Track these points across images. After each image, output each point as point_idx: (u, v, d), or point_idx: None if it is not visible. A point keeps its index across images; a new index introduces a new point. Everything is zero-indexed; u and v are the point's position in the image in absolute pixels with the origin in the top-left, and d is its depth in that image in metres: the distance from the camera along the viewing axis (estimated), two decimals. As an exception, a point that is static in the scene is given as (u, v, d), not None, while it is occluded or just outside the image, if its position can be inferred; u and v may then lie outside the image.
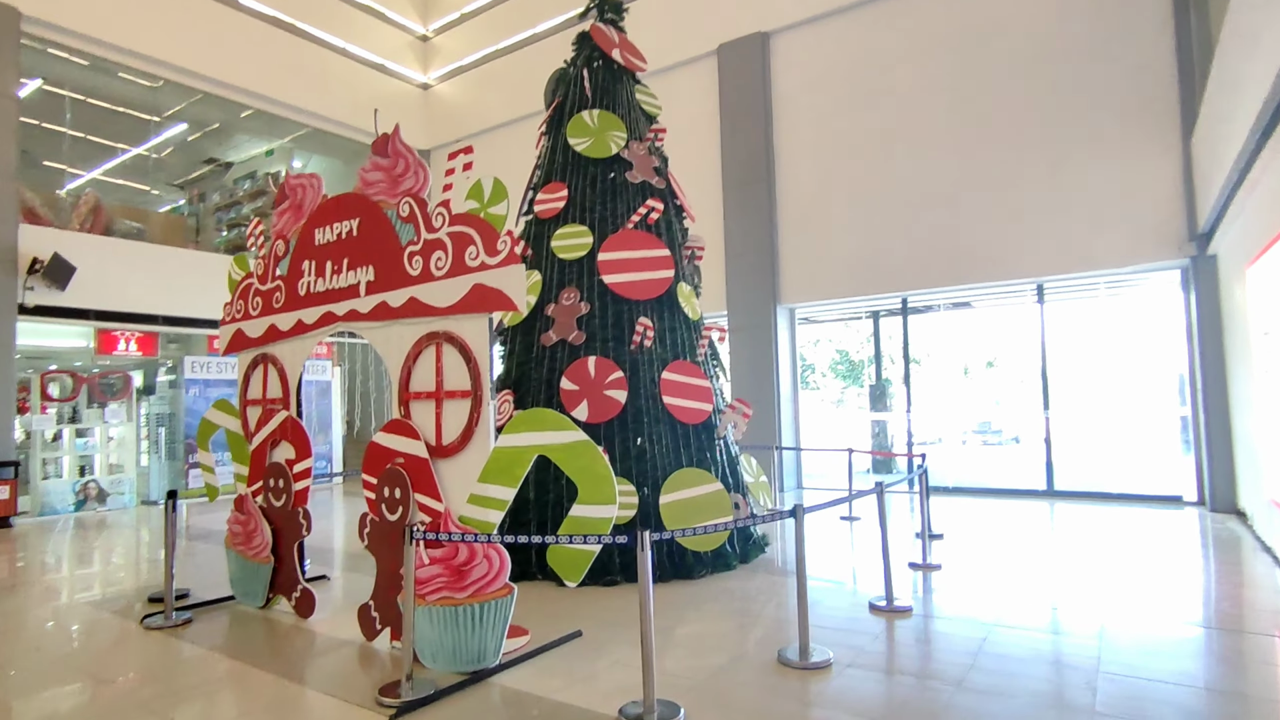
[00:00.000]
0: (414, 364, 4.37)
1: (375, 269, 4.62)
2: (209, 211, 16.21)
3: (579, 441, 3.66)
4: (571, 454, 3.67)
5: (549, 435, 3.73)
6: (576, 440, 3.66)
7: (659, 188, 6.83)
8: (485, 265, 4.01)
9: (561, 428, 3.70)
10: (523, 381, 6.47)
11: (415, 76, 16.33)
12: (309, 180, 5.24)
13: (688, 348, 6.55)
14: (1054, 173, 9.20)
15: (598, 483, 3.62)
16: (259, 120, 14.63)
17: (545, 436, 3.74)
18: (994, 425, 21.54)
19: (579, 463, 3.66)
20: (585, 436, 3.65)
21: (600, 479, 3.62)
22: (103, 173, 14.98)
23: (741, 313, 11.40)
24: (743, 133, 11.52)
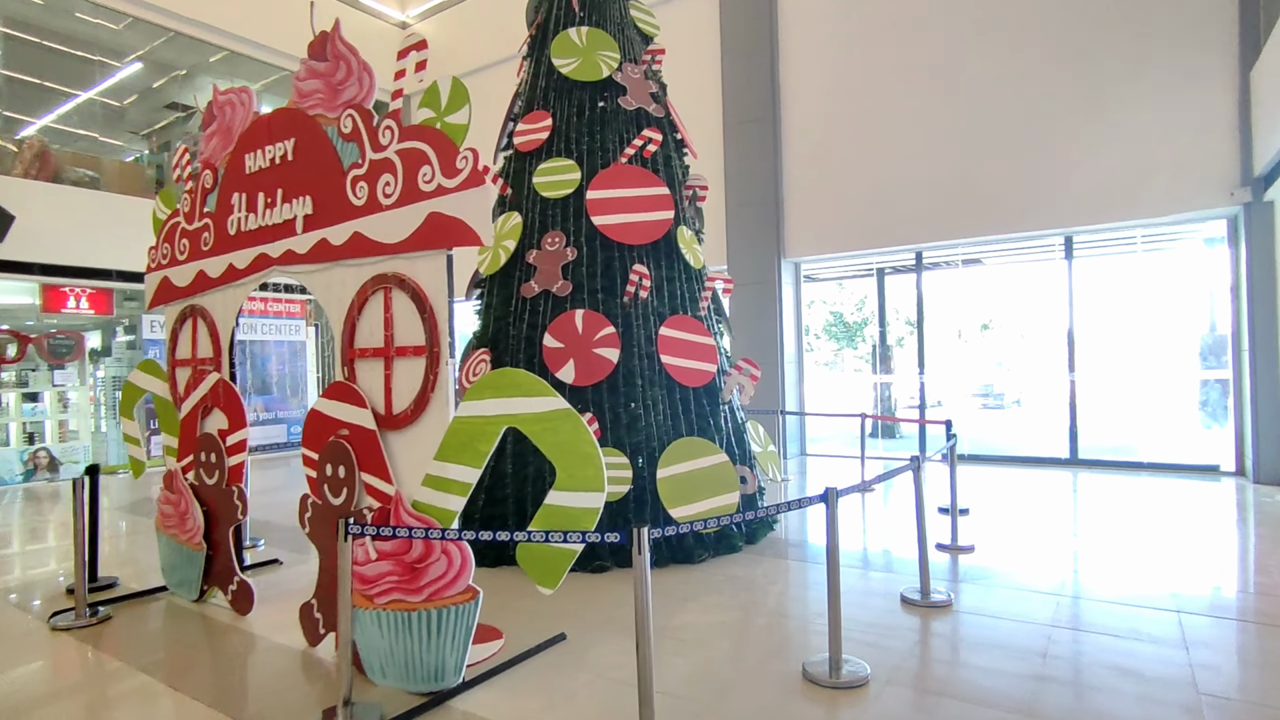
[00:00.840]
0: (359, 315, 3.57)
1: (314, 200, 3.79)
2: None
3: (557, 410, 2.88)
4: (548, 426, 2.90)
5: (520, 402, 2.95)
6: (555, 409, 2.89)
7: (657, 116, 5.96)
8: (442, 189, 3.19)
9: (536, 392, 2.92)
10: (501, 339, 5.68)
11: (392, 14, 15.17)
12: (238, 96, 4.37)
13: (689, 300, 5.76)
14: (1090, 111, 8.34)
15: (581, 463, 2.85)
16: (229, 64, 13.52)
17: (515, 404, 2.96)
18: (995, 389, 20.94)
19: (558, 437, 2.89)
20: (565, 404, 2.87)
21: (584, 458, 2.86)
22: (61, 120, 13.90)
23: (743, 268, 10.57)
24: (745, 68, 10.57)
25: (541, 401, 2.91)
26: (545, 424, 2.90)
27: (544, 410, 2.90)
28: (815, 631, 3.80)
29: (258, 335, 13.13)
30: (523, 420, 2.95)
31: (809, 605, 4.26)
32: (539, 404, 2.91)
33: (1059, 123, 8.53)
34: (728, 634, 3.81)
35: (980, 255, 9.98)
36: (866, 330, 22.99)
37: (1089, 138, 8.35)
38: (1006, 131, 8.84)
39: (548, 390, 2.90)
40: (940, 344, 13.71)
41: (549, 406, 2.89)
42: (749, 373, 5.92)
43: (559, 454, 2.90)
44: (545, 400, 2.91)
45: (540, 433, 2.91)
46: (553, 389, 2.90)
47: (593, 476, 2.85)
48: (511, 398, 2.98)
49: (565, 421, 2.88)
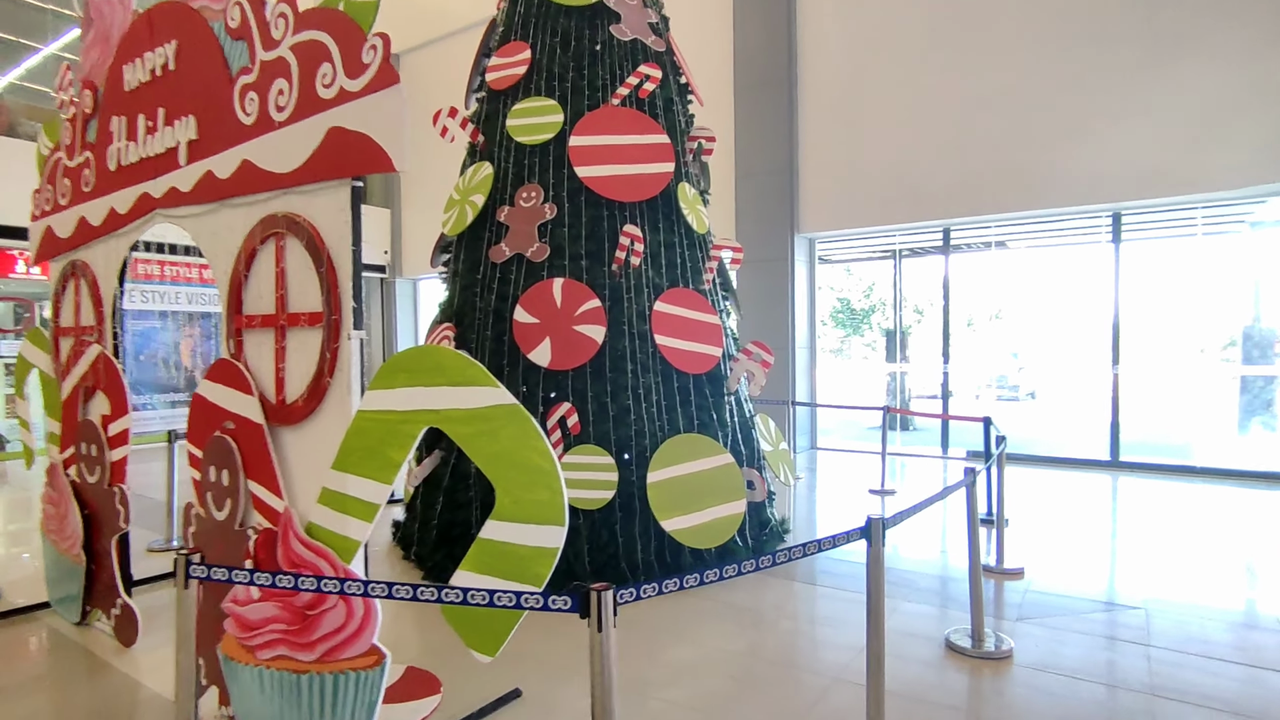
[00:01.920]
0: (247, 271, 2.68)
1: (198, 121, 2.89)
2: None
3: (498, 407, 1.99)
4: (484, 428, 2.01)
5: (445, 394, 2.07)
6: (493, 404, 2.00)
7: (657, 51, 5.03)
8: (345, 94, 2.29)
9: (467, 380, 2.03)
10: (466, 312, 4.80)
11: (381, -33, 14.12)
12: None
13: (690, 271, 4.86)
14: (1148, 69, 7.36)
15: (531, 482, 1.97)
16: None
17: (438, 395, 2.08)
18: (1012, 380, 20.01)
19: (497, 444, 2.00)
20: (508, 397, 1.98)
21: (535, 476, 1.97)
22: (21, 76, 12.98)
23: (753, 243, 9.63)
24: (760, 26, 9.57)
25: (475, 393, 2.02)
26: (480, 425, 2.01)
27: (478, 406, 2.01)
28: (839, 694, 2.93)
29: (214, 306, 12.25)
30: (449, 418, 2.06)
31: (831, 651, 3.39)
32: (471, 396, 2.03)
33: (1112, 82, 7.55)
34: (731, 685, 2.95)
35: (1015, 235, 9.02)
36: (874, 318, 22.15)
37: (1143, 103, 7.38)
38: (1050, 93, 7.86)
39: (484, 377, 2.01)
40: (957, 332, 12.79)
41: (486, 400, 2.00)
42: (760, 358, 5.02)
43: (499, 468, 2.02)
44: (480, 392, 2.01)
45: (473, 436, 2.03)
46: (491, 376, 2.01)
47: (547, 502, 1.96)
48: (433, 386, 2.09)
49: (508, 422, 1.99)
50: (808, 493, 7.25)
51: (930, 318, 17.18)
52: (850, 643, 3.46)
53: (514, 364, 4.51)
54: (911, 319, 15.06)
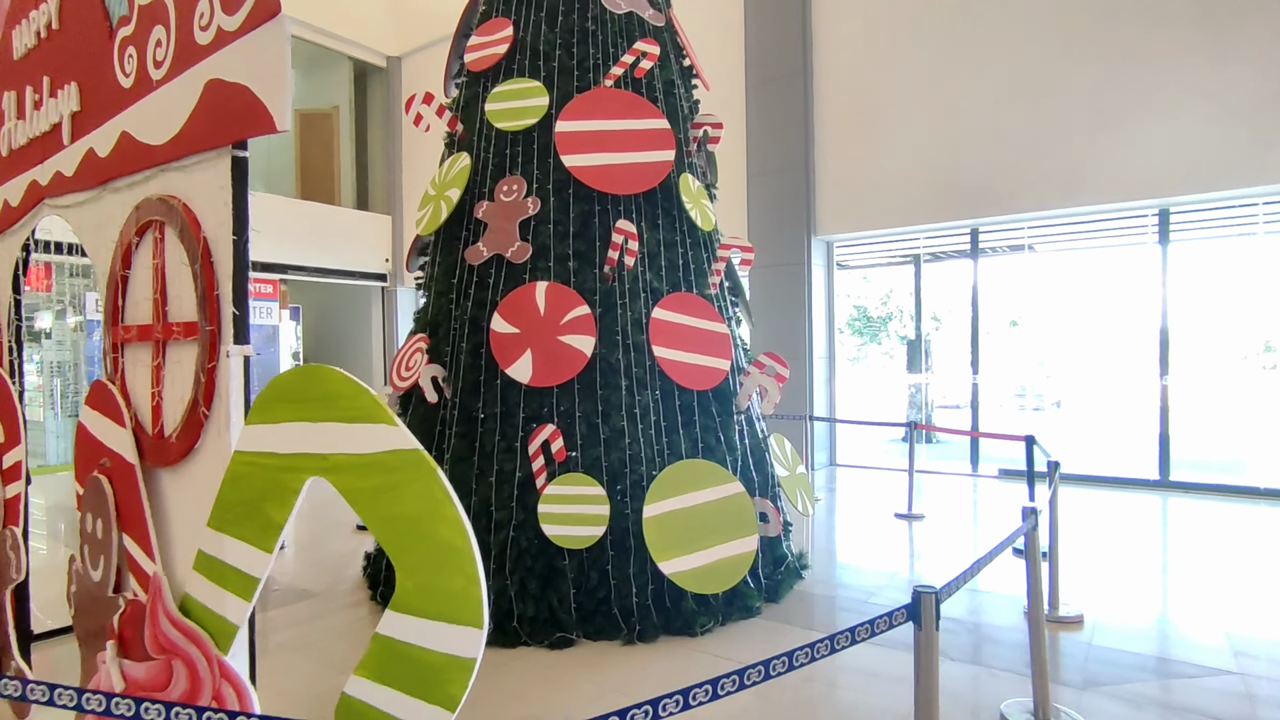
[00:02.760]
0: (125, 270, 2.14)
1: (80, 88, 2.37)
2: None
3: (398, 454, 1.41)
4: (381, 482, 1.43)
5: (335, 433, 1.50)
6: (391, 449, 1.42)
7: (655, 25, 4.48)
8: (223, 35, 1.75)
9: (362, 414, 1.46)
10: (441, 321, 4.26)
11: (382, -33, 13.74)
12: (9, -56, 2.94)
13: (694, 273, 4.28)
14: (1199, 54, 6.71)
15: (442, 562, 1.38)
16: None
17: (328, 435, 1.51)
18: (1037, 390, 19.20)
19: (398, 505, 1.42)
20: (410, 442, 1.40)
21: (446, 554, 1.38)
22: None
23: (766, 246, 9.05)
24: (772, 15, 9.01)
25: (370, 434, 1.45)
26: (377, 477, 1.44)
27: (373, 451, 1.44)
28: (879, 799, 2.33)
29: (223, 318, 11.81)
30: (339, 467, 1.49)
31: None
32: (366, 437, 1.45)
33: (1159, 66, 6.91)
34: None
35: (1049, 236, 8.36)
36: (891, 325, 21.52)
37: (1198, 85, 6.73)
38: (1090, 80, 7.23)
39: (380, 412, 1.43)
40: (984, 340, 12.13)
41: (383, 443, 1.43)
42: (774, 371, 4.43)
43: (400, 540, 1.44)
44: (376, 432, 1.44)
45: (368, 495, 1.45)
46: (389, 412, 1.43)
47: (460, 593, 1.37)
48: (321, 422, 1.52)
49: (411, 477, 1.41)
50: (827, 516, 6.64)
51: (949, 325, 16.51)
52: (885, 707, 2.86)
53: (492, 380, 3.96)
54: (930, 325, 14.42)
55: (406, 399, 4.48)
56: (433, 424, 4.15)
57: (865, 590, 4.46)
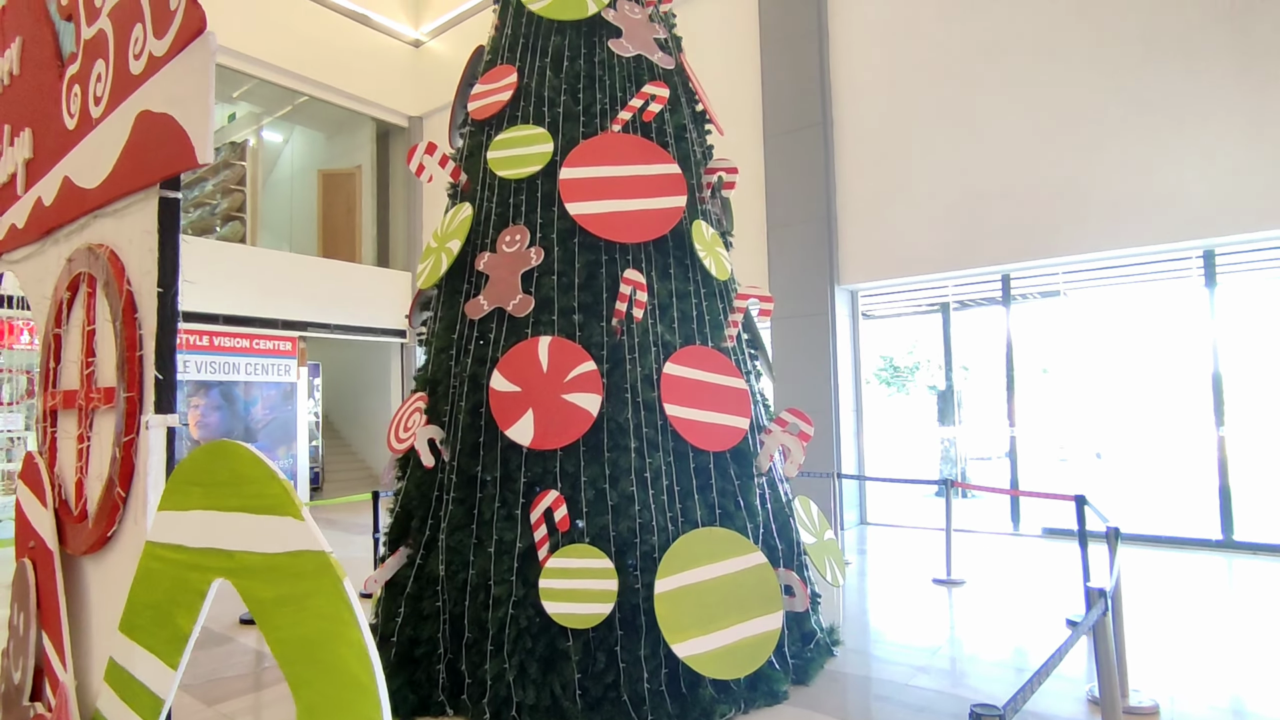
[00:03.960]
0: (59, 330, 1.91)
1: (34, 134, 2.20)
2: (169, 189, 14.14)
3: (303, 555, 1.12)
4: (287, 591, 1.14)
5: (241, 525, 1.22)
6: (297, 551, 1.12)
7: (665, 69, 4.31)
8: (153, 62, 1.55)
9: (268, 504, 1.18)
10: (441, 379, 4.01)
11: (405, 31, 14.08)
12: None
13: (709, 325, 4.01)
14: (1242, 88, 6.43)
15: (339, 699, 1.06)
16: (220, 79, 12.46)
17: (234, 528, 1.23)
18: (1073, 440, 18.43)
19: (301, 622, 1.12)
20: (317, 541, 1.11)
21: (349, 686, 1.06)
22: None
23: (789, 296, 8.79)
24: (790, 65, 8.93)
25: (275, 529, 1.16)
26: (278, 584, 1.15)
27: (277, 551, 1.15)
28: None
29: (241, 376, 11.77)
30: (244, 568, 1.21)
31: None
32: (271, 532, 1.17)
33: (1199, 102, 6.63)
34: None
35: (1085, 280, 8.00)
36: (919, 375, 20.99)
37: (1241, 119, 6.43)
38: (1125, 117, 6.97)
39: (287, 502, 1.15)
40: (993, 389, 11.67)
41: (287, 541, 1.14)
42: (797, 429, 4.10)
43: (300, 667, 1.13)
44: (281, 527, 1.15)
45: (269, 607, 1.16)
46: (296, 502, 1.15)
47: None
48: (228, 511, 1.24)
49: (316, 588, 1.11)
50: (860, 583, 6.18)
51: (980, 374, 15.99)
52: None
53: (492, 442, 3.68)
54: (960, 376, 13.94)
55: (405, 461, 4.21)
56: (430, 489, 3.87)
57: (905, 670, 4.02)
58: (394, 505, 4.18)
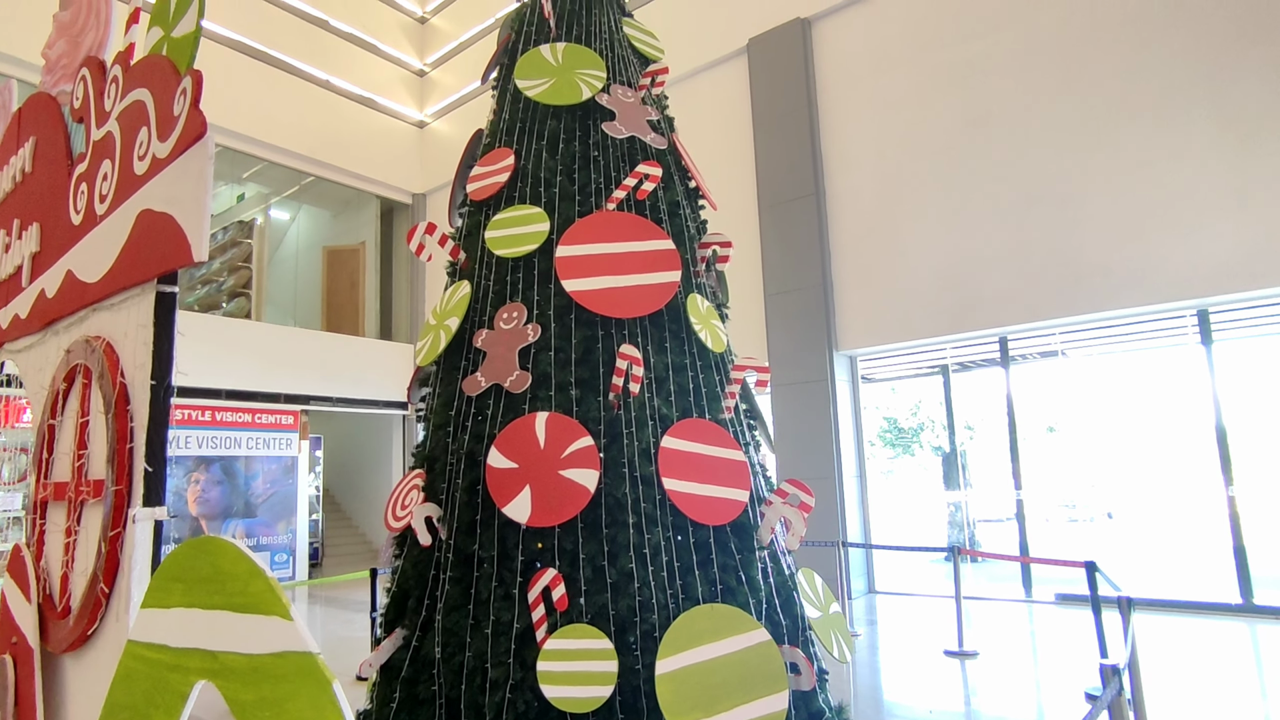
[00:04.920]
0: (56, 420, 1.93)
1: (41, 229, 2.27)
2: (178, 268, 14.41)
3: (286, 657, 1.11)
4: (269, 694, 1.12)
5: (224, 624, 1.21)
6: (280, 653, 1.11)
7: (657, 149, 4.45)
8: (156, 163, 1.62)
9: (251, 602, 1.17)
10: (439, 456, 4.00)
11: (410, 113, 14.59)
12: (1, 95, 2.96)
13: (706, 397, 4.02)
14: (1229, 150, 6.60)
15: None
16: (230, 161, 12.85)
17: (217, 627, 1.22)
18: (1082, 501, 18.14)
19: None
20: (303, 642, 1.10)
21: None
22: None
23: (787, 365, 8.83)
24: (781, 140, 9.21)
25: (258, 628, 1.15)
26: (261, 686, 1.13)
27: (261, 652, 1.14)
28: None
29: (242, 450, 11.73)
30: (227, 670, 1.19)
31: None
32: (254, 632, 1.16)
33: (1187, 164, 6.80)
34: None
35: (1082, 341, 8.05)
36: (923, 436, 20.84)
37: (1230, 181, 6.58)
38: (1115, 181, 7.14)
39: (272, 600, 1.14)
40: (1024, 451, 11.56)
41: (271, 642, 1.13)
42: (798, 500, 4.06)
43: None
44: (265, 627, 1.14)
45: (250, 710, 1.14)
46: (284, 600, 1.14)
47: None
48: (211, 609, 1.23)
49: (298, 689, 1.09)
50: (870, 656, 6.01)
51: (985, 434, 15.89)
52: None
53: (489, 519, 3.64)
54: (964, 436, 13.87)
55: (402, 539, 4.16)
56: (427, 568, 3.81)
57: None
58: (390, 584, 4.11)
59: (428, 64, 14.77)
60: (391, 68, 14.38)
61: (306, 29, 13.03)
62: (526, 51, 4.59)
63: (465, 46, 14.04)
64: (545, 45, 4.53)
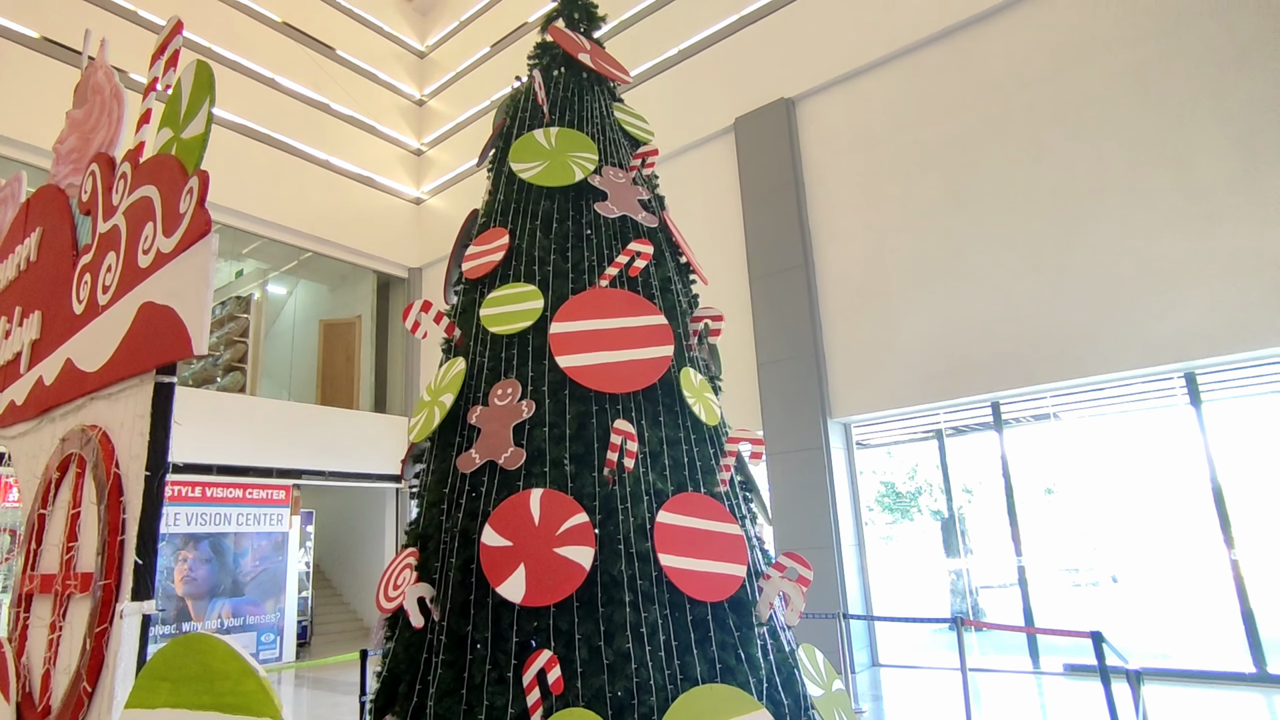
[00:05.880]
0: (45, 511, 1.92)
1: (43, 317, 2.31)
2: (174, 343, 14.47)
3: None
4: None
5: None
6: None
7: (649, 227, 4.57)
8: (160, 258, 1.67)
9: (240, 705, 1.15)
10: (432, 534, 3.96)
11: (407, 191, 14.95)
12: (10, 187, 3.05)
13: (701, 471, 4.01)
14: (1211, 218, 6.80)
15: None
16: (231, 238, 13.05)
17: (203, 729, 1.19)
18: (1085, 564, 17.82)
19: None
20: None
21: None
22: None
23: (782, 433, 8.83)
24: (769, 213, 9.45)
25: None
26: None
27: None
28: None
29: (232, 526, 11.53)
30: (212, 774, 1.16)
31: None
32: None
33: (1171, 231, 6.97)
34: None
35: (1073, 404, 8.10)
36: (921, 500, 20.64)
37: (1212, 248, 6.74)
38: (1100, 249, 7.31)
39: (266, 703, 1.13)
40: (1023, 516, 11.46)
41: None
42: (796, 574, 4.00)
43: None
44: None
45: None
46: (274, 698, 1.12)
47: None
48: (197, 710, 1.21)
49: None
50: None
51: (982, 498, 15.75)
52: None
53: (483, 599, 3.58)
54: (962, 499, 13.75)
55: (394, 621, 4.07)
56: (419, 651, 3.72)
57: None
58: (381, 668, 4.00)
59: (425, 143, 15.22)
60: (390, 147, 14.81)
61: (308, 112, 13.47)
62: (521, 135, 4.75)
63: (461, 127, 14.51)
64: (539, 129, 4.70)
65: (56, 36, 10.24)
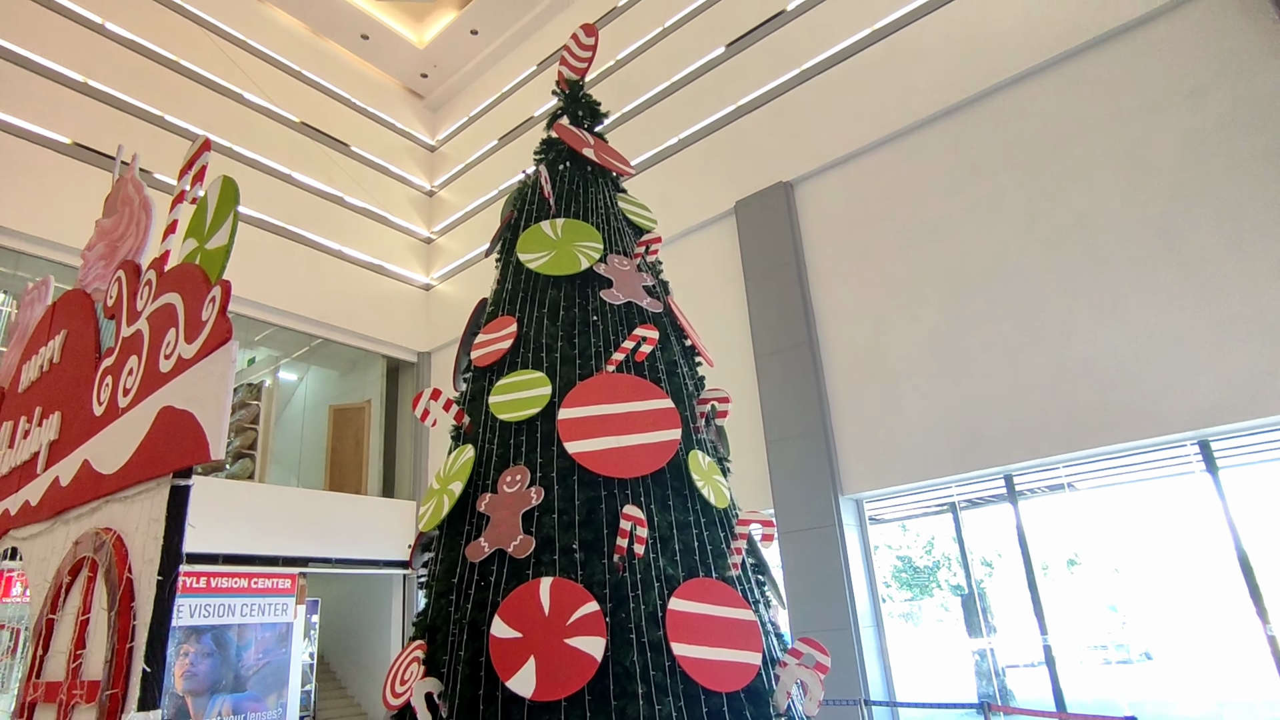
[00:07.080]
0: (56, 614, 1.92)
1: (62, 418, 2.36)
2: (184, 431, 14.53)
3: None
4: None
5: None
6: None
7: (654, 312, 4.66)
8: (181, 363, 1.73)
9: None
10: (441, 625, 3.89)
11: (417, 278, 15.30)
12: (39, 289, 3.16)
13: (712, 555, 3.96)
14: (1223, 284, 6.84)
15: None
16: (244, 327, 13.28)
17: None
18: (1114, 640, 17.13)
19: None
20: None
21: None
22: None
23: (794, 512, 8.72)
24: (772, 292, 9.61)
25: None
26: None
27: None
28: None
29: (236, 618, 11.30)
30: None
31: None
32: None
33: (1181, 300, 7.00)
34: None
35: (1088, 474, 8.00)
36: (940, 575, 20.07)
37: (1224, 315, 6.77)
38: (1108, 319, 7.34)
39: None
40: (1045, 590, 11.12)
41: None
42: (813, 661, 3.89)
43: None
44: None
45: None
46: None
47: None
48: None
49: None
50: (908, 836, 5.49)
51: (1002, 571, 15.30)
52: None
53: (492, 693, 3.48)
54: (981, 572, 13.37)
55: (402, 717, 3.95)
56: (426, 752, 3.60)
57: None
58: (387, 771, 3.86)
59: (434, 232, 15.67)
60: (400, 236, 15.24)
61: (322, 205, 13.94)
62: (528, 227, 4.92)
63: (469, 216, 14.96)
64: (545, 221, 4.86)
65: (87, 142, 10.74)
